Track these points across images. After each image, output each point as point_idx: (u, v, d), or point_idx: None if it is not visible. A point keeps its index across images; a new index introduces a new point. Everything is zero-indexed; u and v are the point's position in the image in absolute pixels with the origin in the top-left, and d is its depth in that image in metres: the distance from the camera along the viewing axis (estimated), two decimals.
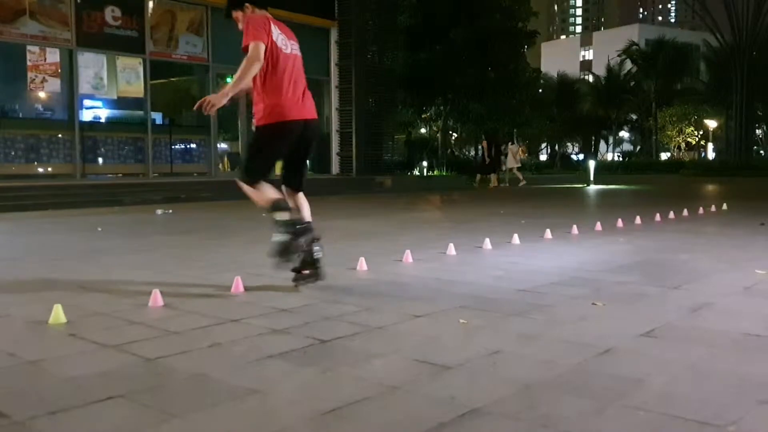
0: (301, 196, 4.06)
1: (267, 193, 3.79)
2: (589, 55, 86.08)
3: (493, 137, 20.46)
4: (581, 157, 46.69)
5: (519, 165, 21.25)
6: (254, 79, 3.74)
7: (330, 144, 18.38)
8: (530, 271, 4.51)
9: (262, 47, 3.63)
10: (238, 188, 3.86)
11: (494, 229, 7.09)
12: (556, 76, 49.61)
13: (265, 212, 3.86)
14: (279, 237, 3.71)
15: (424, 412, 1.99)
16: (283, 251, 3.71)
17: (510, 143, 21.61)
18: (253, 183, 3.80)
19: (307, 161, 4.18)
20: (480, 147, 22.47)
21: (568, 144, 59.44)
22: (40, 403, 2.08)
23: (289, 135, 3.82)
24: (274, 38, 3.73)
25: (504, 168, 20.59)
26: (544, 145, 58.56)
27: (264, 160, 3.86)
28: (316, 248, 3.88)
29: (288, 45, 3.84)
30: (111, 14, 14.13)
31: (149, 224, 8.51)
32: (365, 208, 11.07)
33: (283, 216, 3.75)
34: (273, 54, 3.71)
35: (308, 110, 3.90)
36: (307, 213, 4.00)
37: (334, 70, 18.17)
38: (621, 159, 51.06)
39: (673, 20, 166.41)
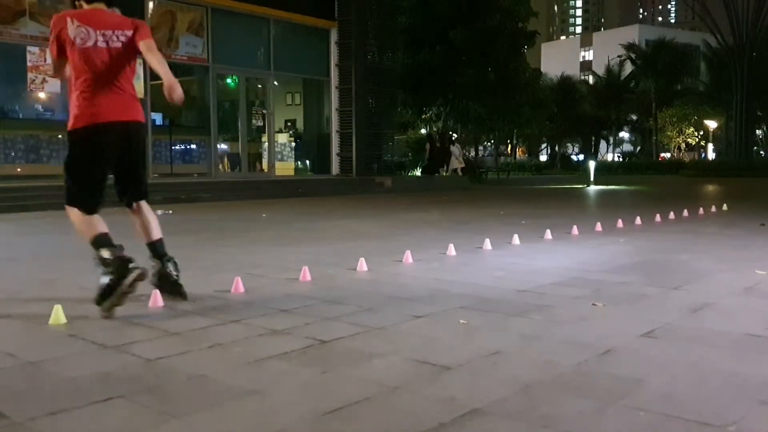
0: (145, 209, 3.56)
1: (88, 223, 3.34)
2: (589, 55, 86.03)
3: (432, 138, 21.34)
4: (581, 157, 46.73)
5: (463, 166, 22.25)
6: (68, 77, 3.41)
7: (330, 144, 18.38)
8: (530, 272, 4.51)
9: (51, 60, 3.38)
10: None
11: (494, 230, 7.09)
12: (556, 76, 49.60)
13: (92, 250, 3.33)
14: (101, 279, 3.24)
15: (424, 412, 1.99)
16: (105, 296, 3.20)
17: (452, 144, 22.14)
18: (74, 207, 3.35)
19: (143, 168, 3.64)
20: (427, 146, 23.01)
21: (568, 144, 59.45)
22: (40, 403, 2.08)
23: (103, 142, 3.34)
24: (71, 35, 3.28)
25: (449, 168, 21.66)
26: (544, 145, 58.57)
27: (79, 176, 3.38)
28: (170, 270, 3.52)
29: (94, 36, 3.31)
30: None
31: None
32: (365, 208, 11.06)
33: (103, 254, 3.26)
34: (69, 53, 3.31)
35: (126, 111, 3.41)
36: (155, 230, 3.57)
37: (334, 71, 18.16)
38: (621, 159, 51.07)
39: (673, 20, 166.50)
